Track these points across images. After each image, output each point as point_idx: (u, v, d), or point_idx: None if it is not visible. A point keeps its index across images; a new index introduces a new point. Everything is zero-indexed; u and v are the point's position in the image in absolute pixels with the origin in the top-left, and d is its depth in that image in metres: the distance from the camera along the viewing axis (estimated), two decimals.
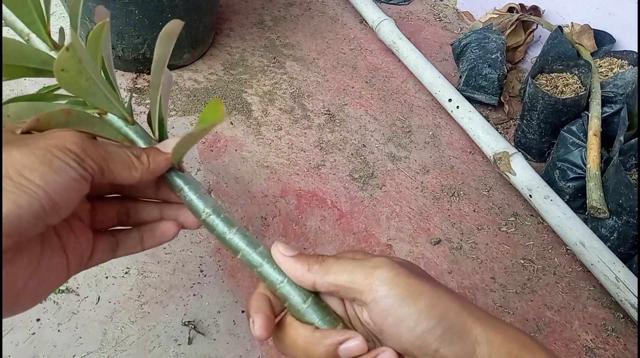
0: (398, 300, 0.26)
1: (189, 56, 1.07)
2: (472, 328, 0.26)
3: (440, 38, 1.31)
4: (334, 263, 0.28)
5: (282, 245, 0.30)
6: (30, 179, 0.23)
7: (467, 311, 0.26)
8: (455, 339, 0.26)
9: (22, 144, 0.24)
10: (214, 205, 0.32)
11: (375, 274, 0.26)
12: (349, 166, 0.94)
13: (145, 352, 0.64)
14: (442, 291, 0.27)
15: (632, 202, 0.76)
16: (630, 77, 0.91)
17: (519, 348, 0.26)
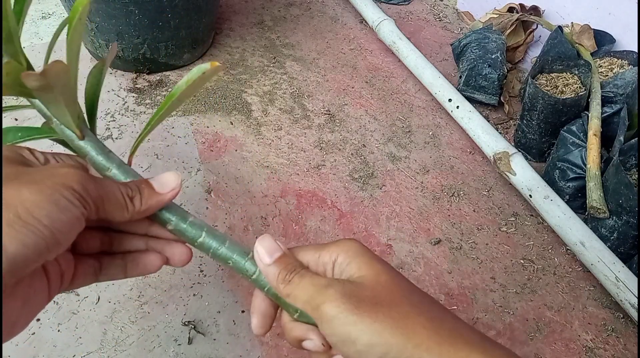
0: (339, 338, 0.27)
1: (189, 56, 1.07)
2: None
3: (440, 38, 1.31)
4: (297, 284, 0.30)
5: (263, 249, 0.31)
6: (38, 218, 0.24)
7: (414, 343, 0.26)
8: None
9: (30, 182, 0.25)
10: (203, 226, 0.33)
11: (320, 310, 0.28)
12: (349, 166, 0.94)
13: (145, 352, 0.64)
14: (385, 325, 0.26)
15: (632, 202, 0.76)
16: (630, 77, 0.91)
17: None
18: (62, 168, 0.27)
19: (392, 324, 0.26)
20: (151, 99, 1.00)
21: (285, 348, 0.67)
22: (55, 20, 1.15)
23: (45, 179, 0.25)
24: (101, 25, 0.94)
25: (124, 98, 0.99)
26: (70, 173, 0.27)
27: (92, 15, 0.92)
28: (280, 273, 0.30)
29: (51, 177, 0.26)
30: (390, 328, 0.26)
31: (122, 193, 0.29)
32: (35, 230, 0.23)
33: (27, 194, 0.24)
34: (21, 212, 0.23)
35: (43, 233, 0.24)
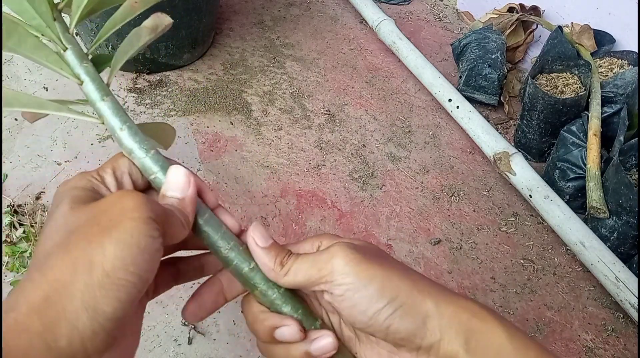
0: (350, 286, 0.28)
1: (189, 55, 1.07)
2: (422, 304, 0.28)
3: (440, 38, 1.31)
4: (293, 263, 0.30)
5: (258, 232, 0.31)
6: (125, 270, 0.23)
7: (418, 289, 0.28)
8: (405, 315, 0.27)
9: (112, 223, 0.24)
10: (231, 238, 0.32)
11: (328, 266, 0.28)
12: (349, 166, 0.94)
13: (145, 352, 0.64)
14: (393, 272, 0.28)
15: (632, 202, 0.76)
16: (630, 77, 0.91)
17: (469, 318, 0.27)
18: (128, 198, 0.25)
19: (397, 271, 0.29)
20: (151, 99, 1.00)
21: None
22: None
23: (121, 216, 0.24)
24: (101, 25, 0.94)
25: (124, 98, 0.99)
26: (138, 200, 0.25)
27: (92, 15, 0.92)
28: (277, 257, 0.30)
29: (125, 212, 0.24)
30: (398, 274, 0.28)
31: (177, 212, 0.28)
32: (126, 283, 0.23)
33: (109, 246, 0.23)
34: (109, 269, 0.23)
35: (134, 282, 0.23)
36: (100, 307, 0.22)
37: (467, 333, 0.27)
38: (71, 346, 0.21)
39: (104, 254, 0.23)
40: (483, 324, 0.27)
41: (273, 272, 0.30)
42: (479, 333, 0.27)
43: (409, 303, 0.27)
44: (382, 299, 0.27)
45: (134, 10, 0.33)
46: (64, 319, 0.21)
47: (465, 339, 0.27)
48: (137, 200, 0.25)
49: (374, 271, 0.28)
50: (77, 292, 0.22)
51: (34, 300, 0.21)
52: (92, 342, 0.22)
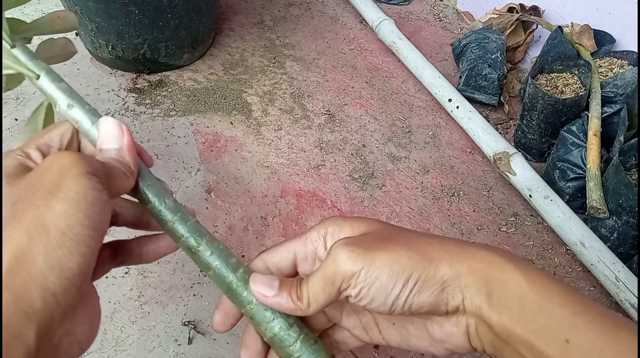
0: (363, 283, 0.28)
1: (189, 55, 1.07)
2: (436, 272, 0.27)
3: (440, 38, 1.31)
4: (308, 290, 0.30)
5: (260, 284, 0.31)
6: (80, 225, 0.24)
7: (428, 258, 0.28)
8: (422, 290, 0.27)
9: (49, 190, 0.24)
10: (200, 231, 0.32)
11: (339, 276, 0.28)
12: (349, 166, 0.94)
13: (145, 352, 0.64)
14: (399, 251, 0.28)
15: (632, 202, 0.76)
16: (630, 77, 0.91)
17: (486, 271, 0.27)
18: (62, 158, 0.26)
19: (403, 249, 0.28)
20: (151, 99, 1.00)
21: None
22: None
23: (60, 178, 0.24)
24: (101, 26, 0.94)
25: (124, 98, 0.99)
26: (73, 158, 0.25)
27: (92, 15, 0.92)
28: (291, 294, 0.30)
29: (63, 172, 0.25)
30: (405, 253, 0.28)
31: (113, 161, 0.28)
32: (82, 236, 0.24)
33: (57, 206, 0.23)
34: (63, 227, 0.23)
35: (91, 235, 0.24)
36: (65, 264, 0.23)
37: (488, 286, 0.27)
38: (47, 306, 0.22)
39: (55, 214, 0.23)
40: (502, 274, 0.27)
41: (298, 310, 0.30)
42: (499, 284, 0.27)
43: (423, 276, 0.27)
44: (397, 284, 0.27)
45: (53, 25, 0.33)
46: (33, 283, 0.22)
47: (487, 293, 0.27)
48: (72, 158, 0.25)
49: (380, 261, 0.28)
50: (38, 256, 0.22)
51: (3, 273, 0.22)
52: (64, 298, 0.23)
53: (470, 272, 0.27)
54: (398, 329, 0.32)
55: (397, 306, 0.28)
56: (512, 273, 0.27)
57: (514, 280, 0.27)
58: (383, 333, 0.33)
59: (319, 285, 0.29)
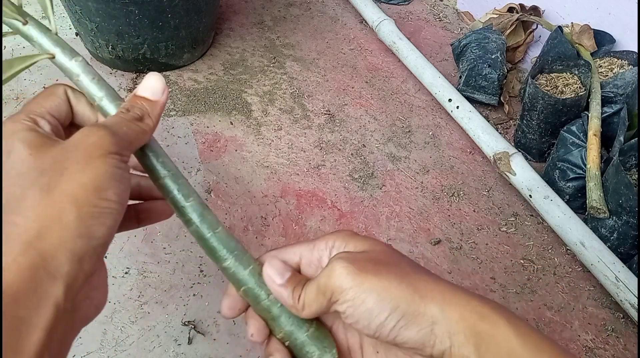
0: (351, 303, 0.28)
1: (189, 55, 1.07)
2: (426, 311, 0.27)
3: (440, 38, 1.31)
4: (305, 294, 0.30)
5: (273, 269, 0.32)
6: (109, 199, 0.26)
7: (420, 295, 0.27)
8: (409, 325, 0.27)
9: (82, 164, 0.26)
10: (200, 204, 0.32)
11: (329, 289, 0.29)
12: (349, 166, 0.94)
13: (145, 352, 0.64)
14: (391, 280, 0.28)
15: (632, 202, 0.76)
16: (630, 77, 0.91)
17: (477, 321, 0.27)
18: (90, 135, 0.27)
19: (396, 279, 0.28)
20: None
21: None
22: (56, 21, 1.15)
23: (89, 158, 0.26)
24: (101, 26, 0.94)
25: (124, 98, 0.99)
26: (100, 137, 0.27)
27: (92, 15, 0.92)
28: (294, 291, 0.31)
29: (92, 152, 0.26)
30: (396, 283, 0.28)
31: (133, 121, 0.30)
32: (110, 210, 0.26)
33: (87, 181, 0.25)
34: (93, 200, 0.25)
35: (117, 210, 0.26)
36: (94, 234, 0.25)
37: (477, 338, 0.27)
38: (73, 269, 0.24)
39: (87, 189, 0.25)
40: (492, 327, 0.27)
41: (294, 308, 0.31)
42: (489, 337, 0.26)
43: (410, 312, 0.27)
44: (383, 312, 0.27)
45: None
46: (63, 248, 0.24)
47: (475, 344, 0.26)
48: (99, 137, 0.27)
49: (369, 284, 0.28)
50: (70, 223, 0.24)
51: (27, 239, 0.23)
52: (89, 264, 0.25)
53: (460, 320, 0.27)
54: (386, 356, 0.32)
55: (382, 333, 0.28)
56: (503, 328, 0.27)
57: (504, 335, 0.26)
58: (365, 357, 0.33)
59: (313, 292, 0.30)
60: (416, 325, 0.27)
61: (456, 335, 0.27)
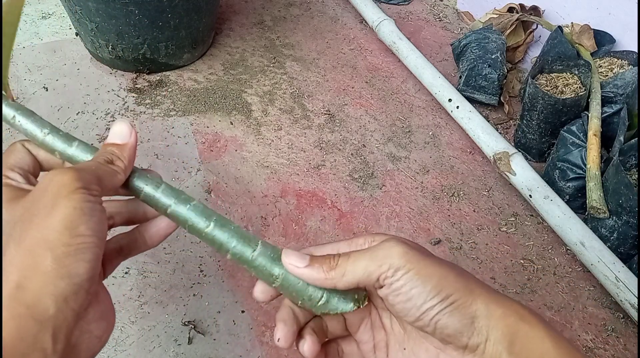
0: (409, 282, 0.29)
1: (189, 55, 1.07)
2: (472, 304, 0.28)
3: (440, 38, 1.31)
4: (346, 262, 0.31)
5: (293, 256, 0.32)
6: (81, 235, 0.26)
7: (470, 289, 0.29)
8: (454, 313, 0.28)
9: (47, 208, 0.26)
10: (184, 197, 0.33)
11: (387, 262, 0.29)
12: (349, 166, 0.94)
13: (145, 352, 0.64)
14: (448, 271, 0.29)
15: (632, 202, 0.76)
16: (630, 77, 0.91)
17: (517, 321, 0.28)
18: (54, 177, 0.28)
19: (452, 271, 0.30)
20: (151, 99, 1.00)
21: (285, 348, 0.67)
22: (56, 21, 1.15)
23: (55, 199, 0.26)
24: (101, 26, 0.94)
25: (124, 98, 0.99)
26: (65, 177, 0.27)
27: (92, 15, 0.92)
28: (323, 265, 0.31)
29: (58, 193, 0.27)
30: (453, 275, 0.29)
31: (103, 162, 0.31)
32: (86, 245, 0.26)
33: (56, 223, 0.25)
34: (65, 240, 0.25)
35: (94, 243, 0.26)
36: (74, 271, 0.25)
37: (512, 335, 0.28)
38: (60, 311, 0.24)
39: (57, 230, 0.25)
40: (529, 328, 0.28)
41: (328, 280, 0.31)
42: (525, 337, 0.28)
43: (460, 302, 0.28)
44: (437, 296, 0.28)
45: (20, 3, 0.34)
46: (45, 292, 0.24)
47: (509, 341, 0.27)
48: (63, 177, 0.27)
49: (432, 269, 0.29)
50: (47, 268, 0.24)
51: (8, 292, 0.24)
52: (75, 301, 0.25)
53: (501, 317, 0.28)
54: (407, 354, 0.33)
55: (428, 315, 0.29)
56: (539, 329, 0.28)
57: (540, 336, 0.28)
58: (390, 356, 0.33)
59: (362, 262, 0.30)
60: (460, 315, 0.28)
61: (494, 330, 0.28)
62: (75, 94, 0.99)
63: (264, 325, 0.69)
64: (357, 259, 0.30)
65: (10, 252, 0.25)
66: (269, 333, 0.68)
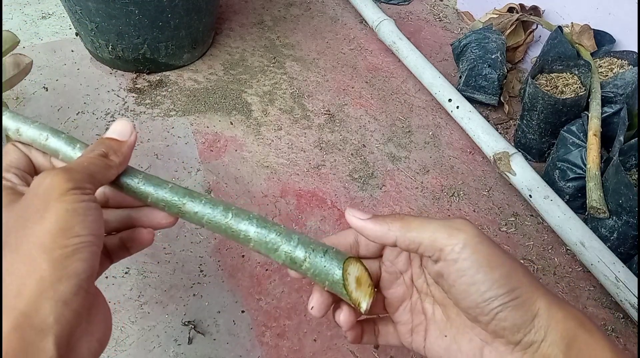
0: (477, 264, 0.28)
1: (189, 56, 1.07)
2: (535, 302, 0.28)
3: (440, 38, 1.31)
4: (414, 220, 0.30)
5: (356, 210, 0.31)
6: (77, 235, 0.26)
7: (536, 287, 0.28)
8: (517, 308, 0.28)
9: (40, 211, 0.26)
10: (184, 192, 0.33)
11: (459, 236, 0.28)
12: (349, 166, 0.94)
13: (145, 352, 0.64)
14: (517, 265, 0.29)
15: (632, 202, 0.76)
16: (630, 77, 0.91)
17: (576, 326, 0.28)
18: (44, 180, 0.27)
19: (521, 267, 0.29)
20: (151, 99, 1.00)
21: (285, 348, 0.67)
22: (56, 21, 1.15)
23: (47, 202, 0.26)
24: (101, 26, 0.94)
25: (124, 98, 0.99)
26: (55, 179, 0.27)
27: (92, 15, 0.92)
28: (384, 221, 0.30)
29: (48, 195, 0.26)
30: (522, 271, 0.29)
31: (96, 157, 0.31)
32: (83, 244, 0.26)
33: (50, 226, 0.25)
34: (61, 242, 0.25)
35: (91, 241, 0.26)
36: (72, 272, 0.25)
37: (571, 340, 0.27)
38: (61, 315, 0.24)
39: (52, 233, 0.25)
40: (589, 335, 0.27)
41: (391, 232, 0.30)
42: (583, 343, 0.27)
43: (525, 297, 0.28)
44: (504, 286, 0.28)
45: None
46: (44, 298, 0.23)
47: (567, 345, 0.27)
48: (52, 179, 0.27)
49: (503, 259, 0.28)
50: (45, 272, 0.24)
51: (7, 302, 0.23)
52: (76, 303, 0.25)
53: (561, 320, 0.28)
54: (447, 342, 0.32)
55: (490, 305, 0.28)
56: (599, 338, 0.28)
57: (599, 345, 0.27)
58: (427, 340, 0.33)
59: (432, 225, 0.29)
60: (523, 311, 0.28)
61: (553, 332, 0.27)
62: (75, 94, 0.99)
63: (264, 325, 0.69)
64: (426, 221, 0.30)
65: (8, 260, 0.25)
66: (269, 333, 0.68)
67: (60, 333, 0.23)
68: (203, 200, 0.33)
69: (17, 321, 0.23)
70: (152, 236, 0.36)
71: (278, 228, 0.32)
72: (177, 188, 0.33)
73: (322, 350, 0.67)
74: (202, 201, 0.33)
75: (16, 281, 0.24)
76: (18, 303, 0.23)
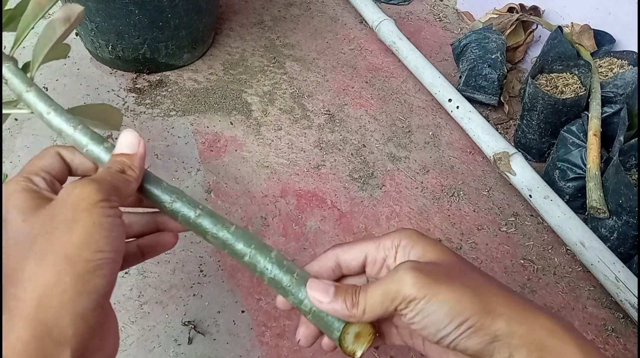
0: (420, 311, 0.28)
1: (189, 56, 1.07)
2: (491, 324, 0.28)
3: (440, 38, 1.31)
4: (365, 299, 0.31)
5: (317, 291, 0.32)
6: (101, 251, 0.26)
7: (489, 309, 0.28)
8: (472, 336, 0.28)
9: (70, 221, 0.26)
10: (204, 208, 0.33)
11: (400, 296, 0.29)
12: (349, 166, 0.94)
13: (145, 352, 0.64)
14: (463, 293, 0.28)
15: (632, 202, 0.76)
16: (630, 77, 0.91)
17: (546, 336, 0.27)
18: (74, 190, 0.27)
19: (469, 292, 0.28)
20: (151, 99, 1.00)
21: (285, 348, 0.67)
22: None
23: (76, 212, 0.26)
24: (101, 25, 0.94)
25: (124, 98, 0.99)
26: (85, 189, 0.27)
27: (92, 15, 0.92)
28: (346, 300, 0.31)
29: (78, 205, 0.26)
30: (469, 296, 0.28)
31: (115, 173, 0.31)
32: (105, 261, 0.26)
33: (77, 238, 0.25)
34: (87, 256, 0.25)
35: (112, 258, 0.26)
36: (92, 288, 0.25)
37: (541, 351, 0.27)
38: (78, 329, 0.24)
39: (77, 246, 0.25)
40: (558, 342, 0.27)
41: (352, 317, 0.31)
42: (553, 352, 0.27)
43: (478, 325, 0.28)
44: (452, 322, 0.28)
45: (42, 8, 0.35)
46: (65, 310, 0.24)
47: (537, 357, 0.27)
48: (82, 190, 0.27)
49: (445, 294, 0.28)
50: (67, 285, 0.24)
51: (29, 311, 0.23)
52: (93, 318, 0.25)
53: (526, 334, 0.27)
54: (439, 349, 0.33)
55: (444, 341, 0.28)
56: (569, 343, 0.27)
57: (569, 351, 0.27)
58: (426, 345, 0.34)
59: (378, 298, 0.30)
60: (478, 337, 0.28)
61: (518, 348, 0.27)
62: (75, 94, 0.99)
63: (264, 325, 0.69)
64: (373, 296, 0.30)
65: (31, 268, 0.25)
66: (269, 333, 0.68)
67: (77, 347, 0.24)
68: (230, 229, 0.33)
69: (36, 331, 0.23)
70: (176, 240, 0.36)
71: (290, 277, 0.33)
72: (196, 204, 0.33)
73: (322, 350, 0.67)
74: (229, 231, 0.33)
75: (38, 291, 0.24)
76: (39, 314, 0.23)
